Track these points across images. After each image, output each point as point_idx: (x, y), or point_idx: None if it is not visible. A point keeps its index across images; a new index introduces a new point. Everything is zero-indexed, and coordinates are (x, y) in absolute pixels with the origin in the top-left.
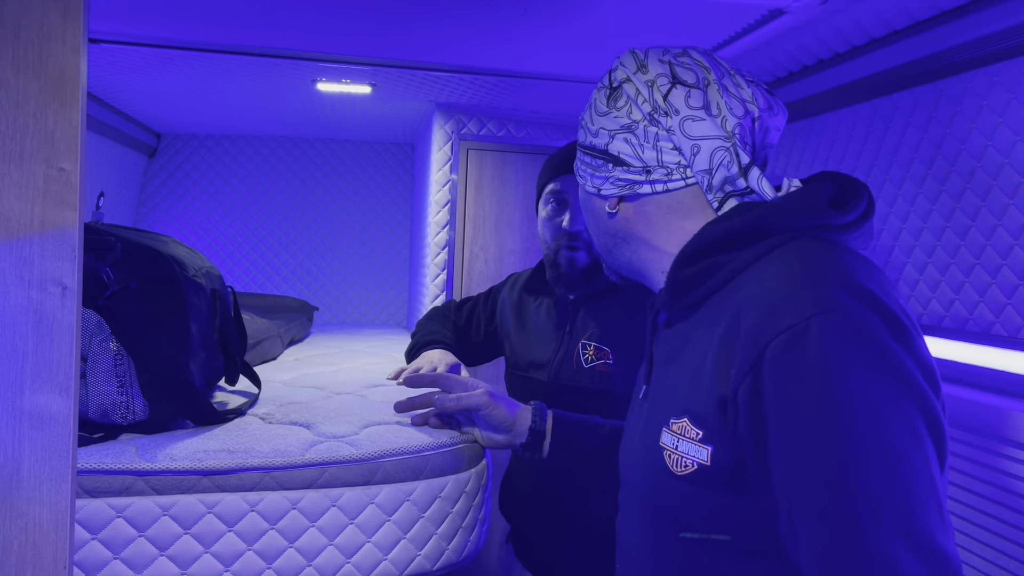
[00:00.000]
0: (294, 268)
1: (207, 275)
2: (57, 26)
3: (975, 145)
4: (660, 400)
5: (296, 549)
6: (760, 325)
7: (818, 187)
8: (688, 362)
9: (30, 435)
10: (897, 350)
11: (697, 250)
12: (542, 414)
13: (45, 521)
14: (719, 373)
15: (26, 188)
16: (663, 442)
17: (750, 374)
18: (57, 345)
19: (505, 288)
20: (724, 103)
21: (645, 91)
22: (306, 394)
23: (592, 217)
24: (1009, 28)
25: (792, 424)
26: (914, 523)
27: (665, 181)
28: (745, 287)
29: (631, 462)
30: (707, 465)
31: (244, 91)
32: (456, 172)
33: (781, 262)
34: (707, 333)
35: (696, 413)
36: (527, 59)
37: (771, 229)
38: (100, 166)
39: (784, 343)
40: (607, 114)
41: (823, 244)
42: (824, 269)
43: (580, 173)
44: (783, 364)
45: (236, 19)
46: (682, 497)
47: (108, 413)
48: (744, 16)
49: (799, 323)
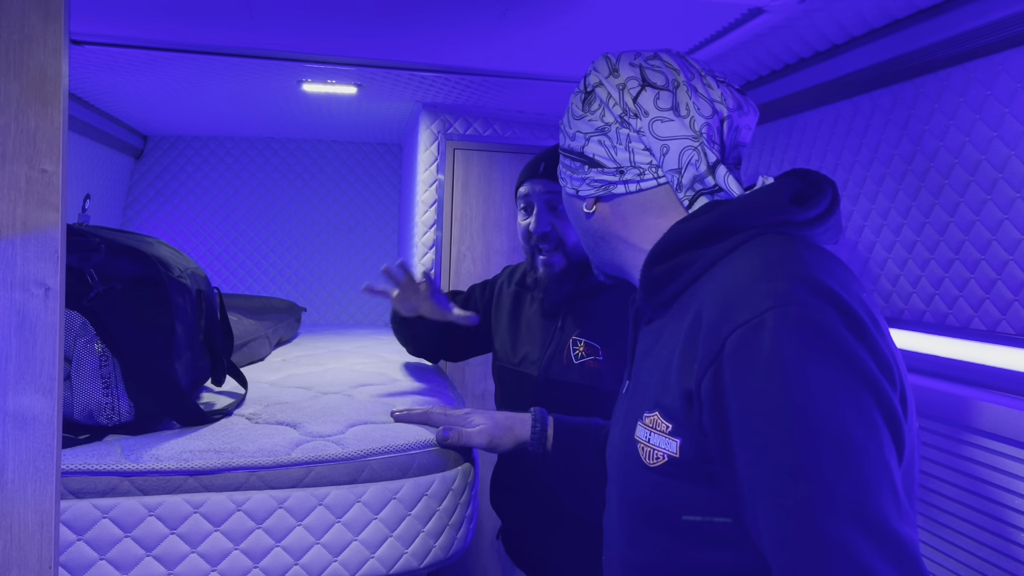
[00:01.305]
0: (282, 269)
1: (192, 276)
2: (38, 27)
3: (953, 142)
4: (637, 395)
5: (283, 548)
6: (719, 319)
7: (781, 184)
8: (660, 357)
9: (14, 436)
10: (851, 342)
11: (666, 248)
12: (543, 421)
13: (30, 522)
14: (684, 367)
15: (8, 189)
16: (637, 435)
17: (711, 368)
18: (40, 346)
19: (502, 279)
20: (692, 103)
21: (616, 94)
22: (293, 394)
23: (574, 218)
24: (984, 25)
25: (750, 416)
26: (867, 509)
27: (638, 181)
28: (711, 283)
29: (611, 458)
30: (676, 457)
31: (230, 92)
32: (443, 172)
33: (742, 258)
34: (676, 329)
35: (665, 406)
36: (512, 59)
37: (735, 226)
38: (86, 168)
39: (741, 337)
40: (582, 117)
41: (784, 240)
42: (781, 264)
43: (561, 176)
44: (740, 357)
45: (220, 20)
46: (653, 488)
47: (94, 414)
48: (723, 15)
49: (755, 317)
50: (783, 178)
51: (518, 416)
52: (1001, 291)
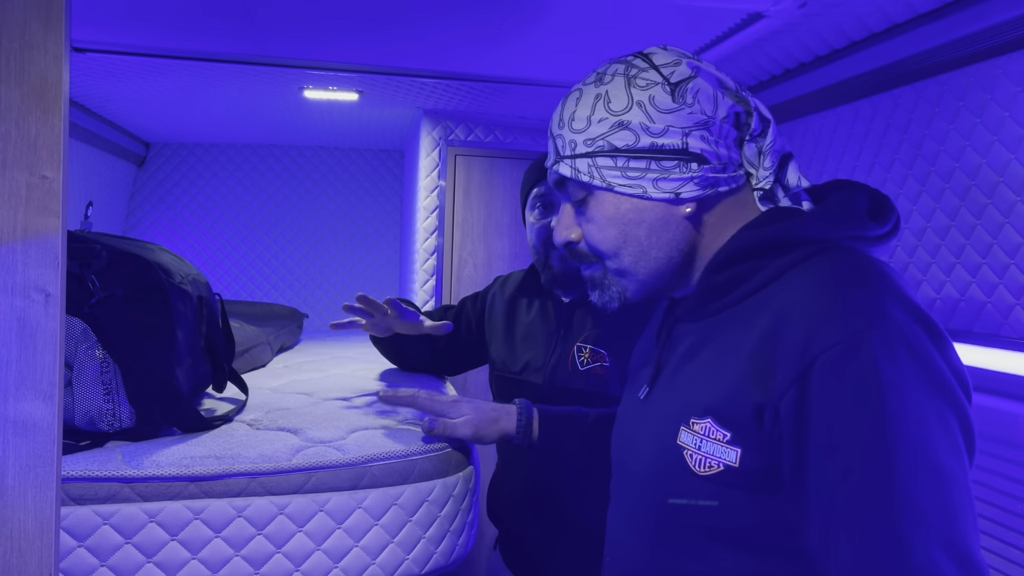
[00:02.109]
0: (284, 276)
1: (193, 282)
2: (39, 35)
3: (953, 145)
4: (675, 399)
5: (284, 554)
6: (807, 336)
7: (854, 197)
8: (711, 364)
9: (14, 443)
10: (939, 360)
11: (730, 256)
12: (528, 412)
13: (30, 529)
14: (756, 379)
15: (9, 196)
16: (682, 440)
17: (796, 384)
18: (41, 352)
19: (493, 289)
20: None
21: (719, 90)
22: (294, 400)
23: (643, 231)
24: (984, 29)
25: (839, 434)
26: (956, 536)
27: (735, 178)
28: (782, 295)
29: (638, 460)
30: (735, 467)
31: (232, 99)
32: (444, 178)
33: (822, 272)
34: (736, 337)
35: (722, 415)
36: (513, 65)
37: (807, 238)
38: (89, 176)
39: (836, 356)
40: (677, 110)
41: (860, 255)
42: (869, 279)
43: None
44: (834, 376)
45: (222, 27)
46: (704, 497)
47: (95, 421)
48: (724, 20)
49: (851, 336)
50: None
51: (504, 407)
52: (1002, 295)
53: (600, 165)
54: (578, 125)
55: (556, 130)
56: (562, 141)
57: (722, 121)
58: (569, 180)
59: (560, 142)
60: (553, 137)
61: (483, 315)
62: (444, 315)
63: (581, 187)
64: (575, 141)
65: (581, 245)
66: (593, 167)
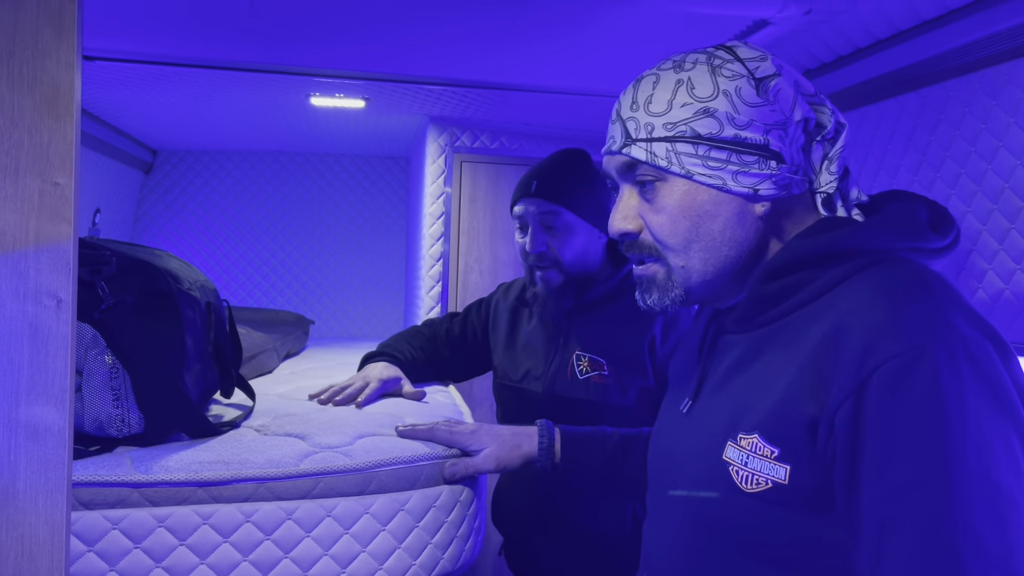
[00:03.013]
0: (290, 282)
1: (202, 288)
2: (51, 43)
3: (959, 151)
4: (721, 413)
5: (291, 559)
6: (866, 348)
7: (914, 208)
8: (760, 378)
9: (26, 447)
10: (1004, 376)
11: (783, 265)
12: (549, 434)
13: (41, 533)
14: (809, 393)
15: (21, 202)
16: (728, 456)
17: (851, 397)
18: (52, 357)
19: (497, 296)
20: None
21: (797, 92)
22: (301, 406)
23: (718, 225)
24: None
25: (896, 451)
26: (1012, 560)
27: (804, 182)
28: (838, 306)
29: (680, 475)
30: (784, 484)
31: (239, 106)
32: (450, 185)
33: (881, 282)
34: (788, 350)
35: (771, 431)
36: (519, 72)
37: (865, 248)
38: (96, 183)
39: (895, 368)
40: (761, 106)
41: (919, 267)
42: (931, 291)
43: (704, 171)
44: (893, 390)
45: (229, 35)
46: (749, 514)
47: (104, 426)
48: (729, 28)
49: (911, 348)
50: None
51: (524, 432)
52: (1008, 300)
53: (680, 151)
54: (656, 108)
55: (627, 112)
56: (635, 124)
57: (796, 124)
58: (642, 164)
59: (632, 125)
60: (622, 120)
61: (487, 323)
62: (450, 322)
63: (655, 172)
64: (652, 124)
65: (644, 236)
66: (672, 152)
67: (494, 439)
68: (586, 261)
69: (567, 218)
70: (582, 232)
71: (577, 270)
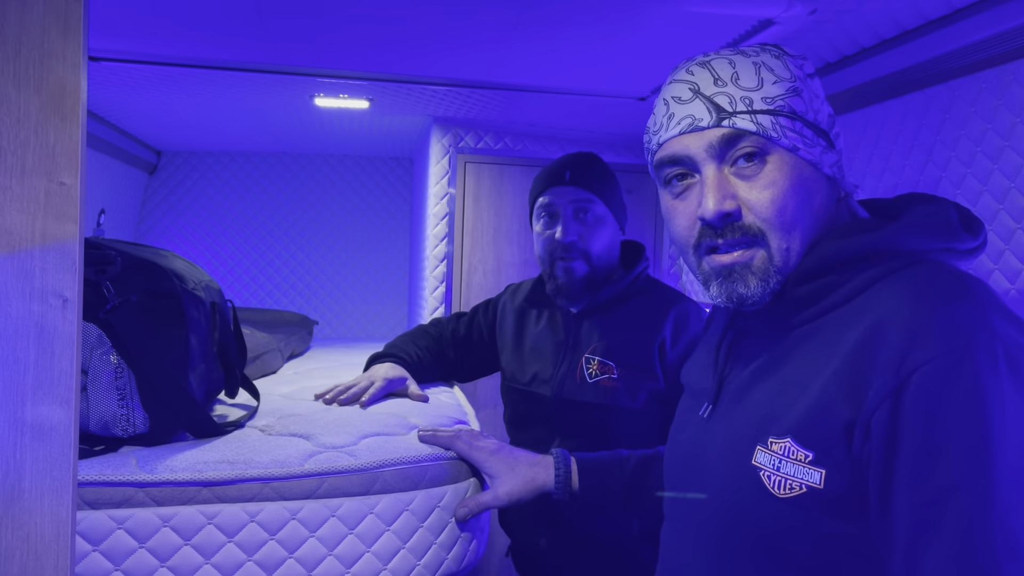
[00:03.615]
0: (294, 283)
1: (206, 288)
2: (57, 43)
3: (964, 151)
4: (748, 418)
5: (296, 559)
6: (904, 350)
7: (943, 209)
8: (790, 381)
9: (32, 446)
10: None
11: (816, 267)
12: (565, 464)
13: (46, 532)
14: (845, 396)
15: (27, 202)
16: (758, 461)
17: (889, 399)
18: (58, 357)
19: (504, 298)
20: None
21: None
22: (305, 406)
23: (818, 199)
24: (995, 35)
25: (936, 454)
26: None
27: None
28: (873, 307)
29: (705, 481)
30: (819, 488)
31: (243, 107)
32: (454, 185)
33: (918, 283)
34: (819, 354)
35: (805, 434)
36: (523, 72)
37: (897, 250)
38: (101, 183)
39: (935, 371)
40: (816, 98)
41: (953, 268)
42: (970, 292)
43: (805, 145)
44: (932, 392)
45: (234, 36)
46: (780, 519)
47: (109, 426)
48: (735, 27)
49: (952, 351)
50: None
51: (541, 463)
52: (1015, 300)
53: (783, 125)
54: (747, 83)
55: (711, 88)
56: (728, 98)
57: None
58: (748, 136)
59: (725, 99)
60: (706, 97)
61: (494, 324)
62: (457, 323)
63: (763, 144)
64: (750, 98)
65: (746, 216)
66: (777, 124)
67: (509, 469)
68: (611, 256)
69: (599, 210)
70: (610, 226)
71: (602, 264)
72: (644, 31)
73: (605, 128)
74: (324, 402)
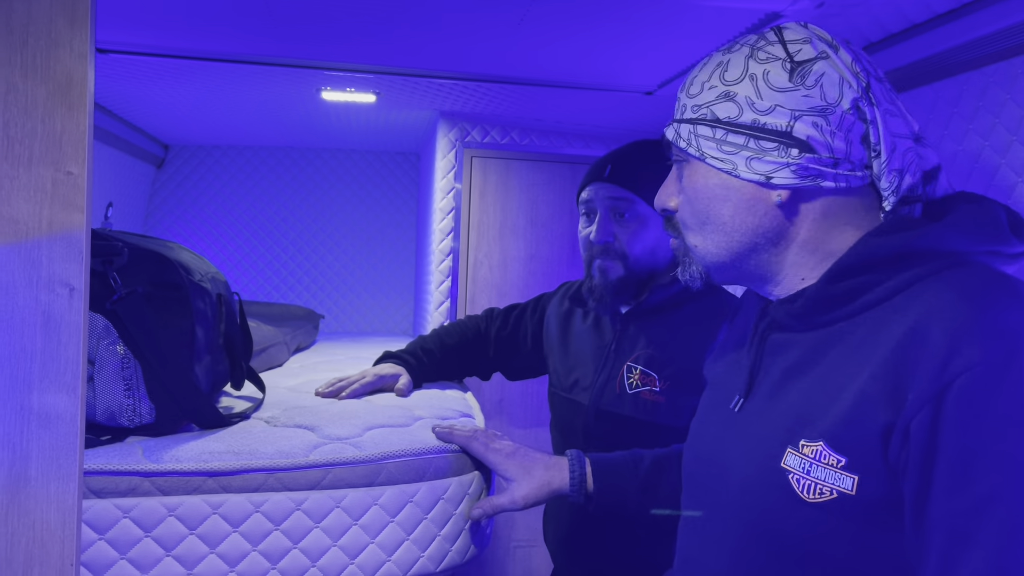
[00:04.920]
0: (300, 277)
1: (212, 280)
2: (64, 33)
3: (972, 145)
4: (778, 418)
5: (300, 550)
6: (948, 354)
7: (992, 209)
8: (824, 382)
9: (38, 434)
10: None
11: (856, 264)
12: (580, 465)
13: (52, 520)
14: (883, 399)
15: (34, 191)
16: (788, 463)
17: (930, 404)
18: (65, 345)
19: (555, 297)
20: (901, 103)
21: (849, 74)
22: (311, 399)
23: (728, 208)
24: (1004, 29)
25: (976, 462)
26: None
27: (848, 177)
28: (915, 308)
29: (730, 479)
30: (851, 495)
31: (250, 101)
32: (460, 180)
33: (963, 285)
34: (856, 354)
35: (838, 439)
36: (530, 65)
37: (940, 250)
38: (109, 177)
39: (979, 377)
40: (791, 91)
41: (999, 272)
42: (1017, 297)
43: (715, 155)
44: (974, 399)
45: (241, 28)
46: (809, 524)
47: (115, 416)
48: (741, 20)
49: (997, 357)
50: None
51: (556, 465)
52: None
53: (699, 134)
54: (693, 90)
55: (679, 92)
56: (678, 104)
57: (846, 112)
58: (670, 144)
59: (677, 105)
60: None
61: (540, 325)
62: (504, 319)
63: (678, 153)
64: (685, 106)
65: (677, 215)
66: (692, 135)
67: (526, 473)
68: (654, 259)
69: (640, 209)
70: (655, 226)
71: (642, 267)
72: (650, 25)
73: (612, 123)
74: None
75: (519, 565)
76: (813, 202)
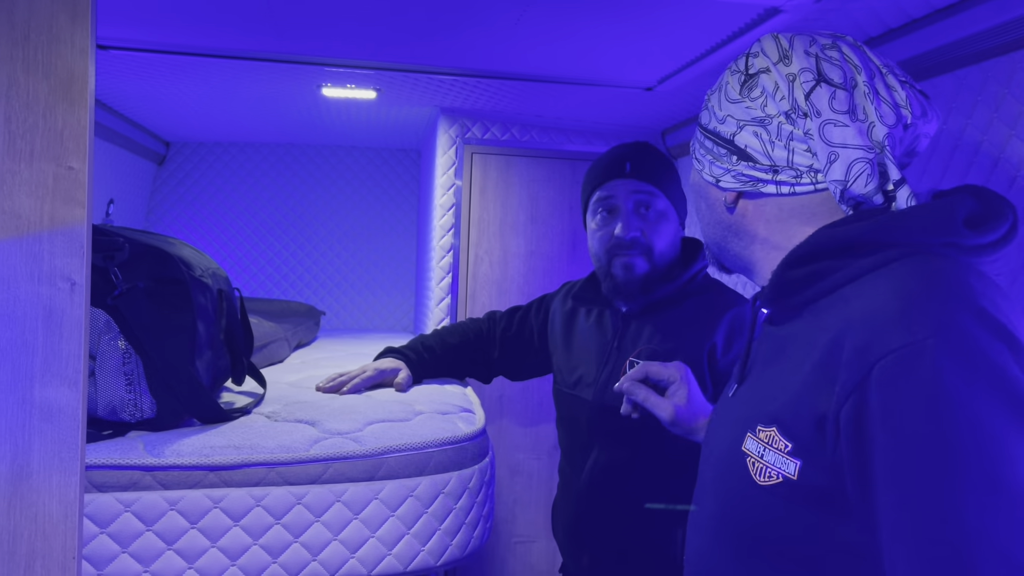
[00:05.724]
0: (301, 273)
1: (213, 276)
2: (66, 29)
3: (970, 140)
4: (751, 403)
5: (301, 544)
6: (867, 341)
7: (953, 202)
8: (782, 369)
9: (40, 427)
10: (1017, 378)
11: (808, 253)
12: None
13: (54, 512)
14: (819, 388)
15: (36, 186)
16: (747, 447)
17: (854, 393)
18: (66, 339)
19: (558, 297)
20: (873, 109)
21: (784, 86)
22: (311, 394)
23: (704, 204)
24: (1002, 24)
25: (900, 452)
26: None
27: (792, 184)
28: (855, 299)
29: (710, 463)
30: (793, 479)
31: (251, 98)
32: (461, 176)
33: (897, 277)
34: (807, 343)
35: (786, 424)
36: (530, 61)
37: (891, 241)
38: (110, 173)
39: (894, 363)
40: (738, 102)
41: (948, 262)
42: (947, 288)
43: (697, 156)
44: (892, 386)
45: (242, 24)
46: (760, 508)
47: (117, 411)
48: (740, 15)
49: (913, 343)
50: (955, 194)
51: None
52: (1018, 295)
53: (696, 137)
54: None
55: None
56: None
57: (783, 124)
58: None
59: None
60: None
61: (545, 324)
62: (509, 320)
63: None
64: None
65: None
66: (694, 138)
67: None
68: (671, 255)
69: (662, 204)
70: (673, 222)
71: (665, 261)
72: (650, 21)
73: (612, 119)
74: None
75: (519, 560)
76: (762, 204)
